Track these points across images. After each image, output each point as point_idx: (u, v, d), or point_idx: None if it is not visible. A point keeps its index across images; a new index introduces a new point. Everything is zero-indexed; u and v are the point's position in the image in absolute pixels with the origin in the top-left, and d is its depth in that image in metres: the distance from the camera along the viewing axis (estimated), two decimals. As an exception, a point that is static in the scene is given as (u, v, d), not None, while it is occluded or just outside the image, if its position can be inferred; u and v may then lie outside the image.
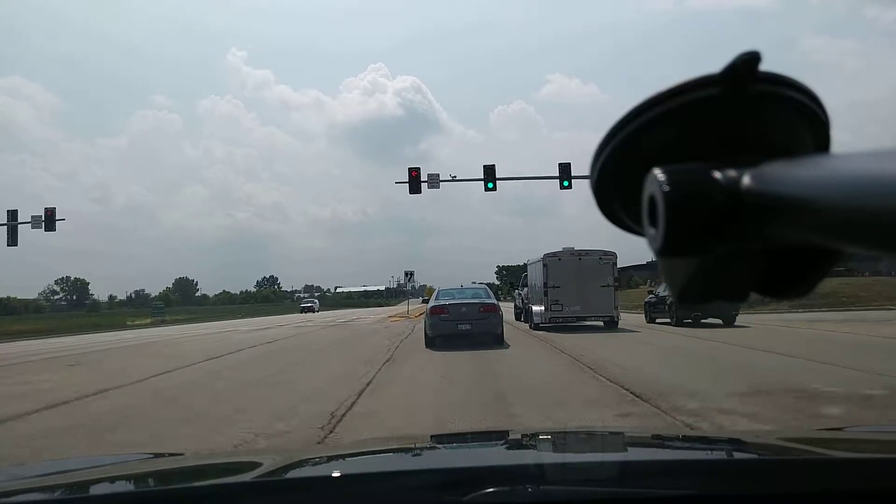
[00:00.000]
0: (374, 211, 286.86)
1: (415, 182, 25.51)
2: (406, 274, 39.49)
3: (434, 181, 26.22)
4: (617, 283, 19.20)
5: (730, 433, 3.42)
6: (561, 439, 2.01)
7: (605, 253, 18.82)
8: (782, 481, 1.15)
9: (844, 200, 0.32)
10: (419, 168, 26.02)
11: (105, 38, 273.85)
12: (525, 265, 24.99)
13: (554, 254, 19.03)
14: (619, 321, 18.39)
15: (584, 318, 18.21)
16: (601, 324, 18.28)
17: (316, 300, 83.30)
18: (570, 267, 18.50)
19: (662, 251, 0.40)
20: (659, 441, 1.99)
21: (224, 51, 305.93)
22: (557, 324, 18.12)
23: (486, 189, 24.52)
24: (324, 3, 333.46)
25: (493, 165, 25.05)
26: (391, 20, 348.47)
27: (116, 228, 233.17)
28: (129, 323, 47.88)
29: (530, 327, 19.63)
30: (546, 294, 18.41)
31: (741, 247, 0.40)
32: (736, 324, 17.86)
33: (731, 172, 0.39)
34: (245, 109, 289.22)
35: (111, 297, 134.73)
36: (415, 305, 63.56)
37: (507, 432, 3.01)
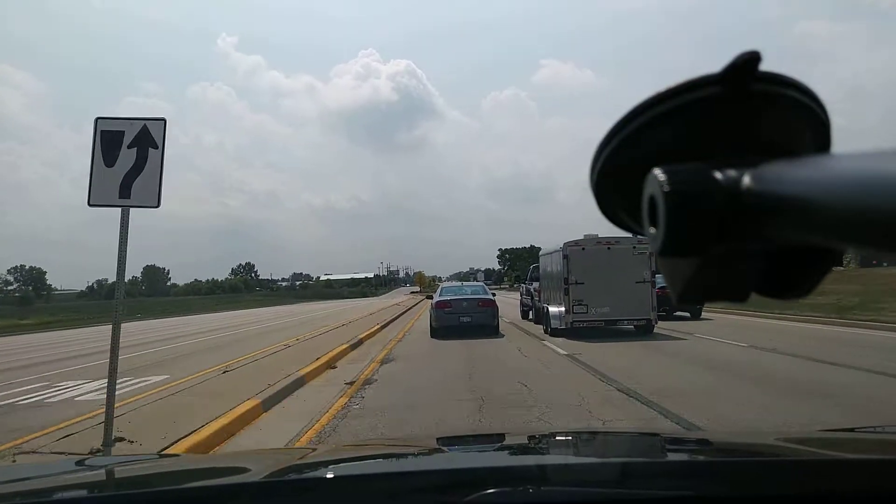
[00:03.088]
0: (368, 198, 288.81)
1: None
2: None
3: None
4: (654, 278, 15.23)
5: (730, 434, 3.42)
6: (562, 440, 2.01)
7: (641, 241, 13.40)
8: (783, 483, 1.15)
9: (844, 200, 0.32)
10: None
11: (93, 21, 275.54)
12: (538, 254, 20.81)
13: (576, 242, 15.15)
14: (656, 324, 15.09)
15: (615, 322, 14.84)
16: (632, 328, 15.08)
17: None
18: (596, 259, 14.79)
19: (663, 251, 0.40)
20: (660, 442, 1.99)
21: (214, 36, 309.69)
22: (581, 328, 14.61)
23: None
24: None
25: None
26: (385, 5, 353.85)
27: (102, 217, 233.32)
28: None
29: (545, 331, 15.69)
30: (567, 292, 14.72)
31: (741, 247, 0.40)
32: (701, 317, 18.67)
33: (732, 172, 0.39)
34: (237, 97, 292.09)
35: (50, 289, 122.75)
36: (382, 303, 46.84)
37: (507, 434, 3.01)
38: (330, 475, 1.42)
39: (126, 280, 5.49)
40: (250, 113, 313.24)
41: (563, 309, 14.91)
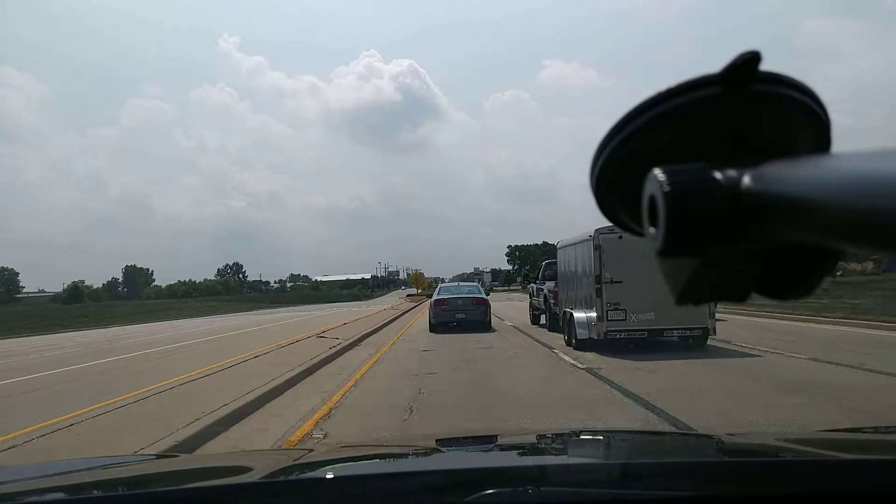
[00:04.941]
0: (371, 199, 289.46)
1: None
2: None
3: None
4: None
5: (730, 435, 3.42)
6: (562, 441, 2.01)
7: None
8: (782, 482, 1.15)
9: (844, 200, 0.32)
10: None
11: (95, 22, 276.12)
12: (552, 250, 17.59)
13: (610, 229, 10.98)
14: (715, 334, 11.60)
15: (661, 332, 11.49)
16: (676, 338, 11.68)
17: None
18: (637, 251, 10.49)
19: (663, 251, 0.40)
20: (660, 442, 1.99)
21: (216, 36, 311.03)
22: (618, 339, 11.36)
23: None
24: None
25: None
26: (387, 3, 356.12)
27: (106, 219, 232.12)
28: None
29: (567, 343, 12.58)
30: (599, 293, 11.48)
31: (741, 247, 0.40)
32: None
33: (732, 172, 0.39)
34: (239, 97, 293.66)
35: (9, 291, 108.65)
36: (355, 312, 30.44)
37: (507, 434, 3.00)
38: (330, 475, 1.42)
39: (105, 281, 5.24)
40: (253, 114, 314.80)
41: (593, 315, 11.66)
